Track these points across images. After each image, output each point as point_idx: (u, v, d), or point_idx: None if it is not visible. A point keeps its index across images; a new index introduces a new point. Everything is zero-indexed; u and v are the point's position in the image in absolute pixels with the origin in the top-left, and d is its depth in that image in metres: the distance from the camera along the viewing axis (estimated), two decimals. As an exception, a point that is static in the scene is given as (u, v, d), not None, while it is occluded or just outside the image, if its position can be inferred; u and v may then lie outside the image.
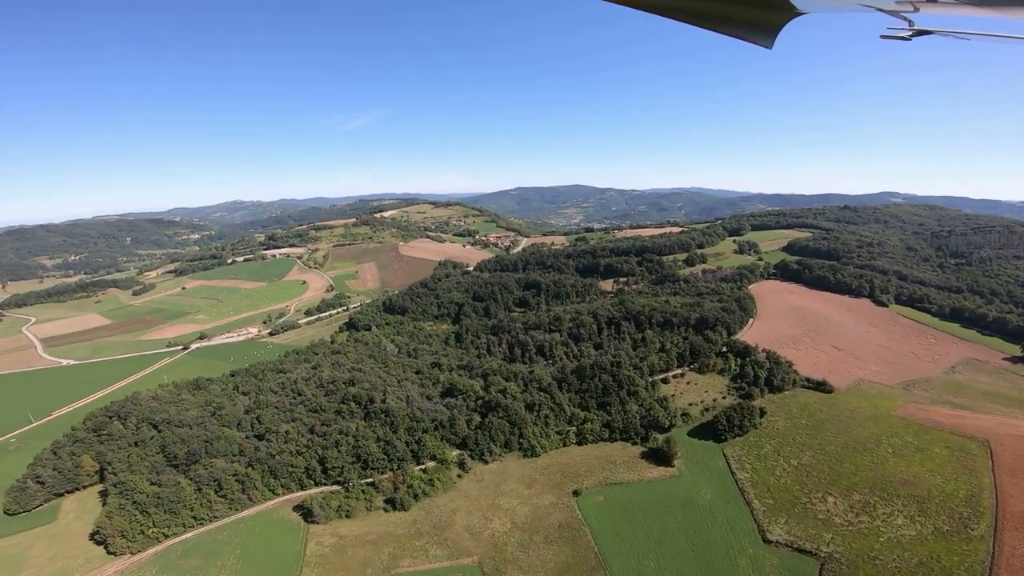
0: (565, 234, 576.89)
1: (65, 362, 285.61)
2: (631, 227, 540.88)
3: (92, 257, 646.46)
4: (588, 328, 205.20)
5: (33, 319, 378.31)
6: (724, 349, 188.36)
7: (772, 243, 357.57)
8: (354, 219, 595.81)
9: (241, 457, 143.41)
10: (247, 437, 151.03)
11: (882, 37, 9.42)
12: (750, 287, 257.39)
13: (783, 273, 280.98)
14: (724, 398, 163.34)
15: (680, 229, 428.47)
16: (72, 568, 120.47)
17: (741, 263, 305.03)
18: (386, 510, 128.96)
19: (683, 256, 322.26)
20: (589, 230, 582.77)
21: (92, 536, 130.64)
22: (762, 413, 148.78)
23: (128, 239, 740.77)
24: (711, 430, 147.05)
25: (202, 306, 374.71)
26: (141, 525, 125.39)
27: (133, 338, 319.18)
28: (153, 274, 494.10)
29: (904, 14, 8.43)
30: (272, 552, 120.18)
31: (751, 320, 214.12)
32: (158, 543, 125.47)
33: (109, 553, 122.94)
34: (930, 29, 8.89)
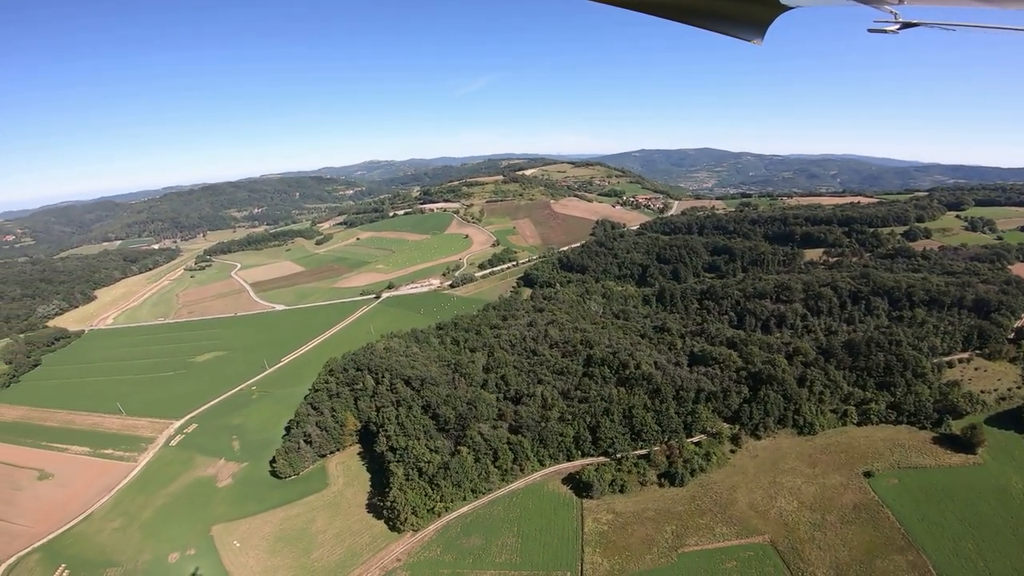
0: (719, 198, 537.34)
1: (278, 307, 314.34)
2: (802, 194, 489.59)
3: (271, 210, 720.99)
4: (828, 301, 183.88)
5: (238, 265, 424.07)
6: (1012, 335, 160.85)
7: (1007, 221, 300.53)
8: (501, 176, 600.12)
9: (501, 422, 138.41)
10: (500, 399, 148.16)
11: (869, 31, 9.09)
12: (1010, 268, 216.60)
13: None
14: (1020, 388, 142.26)
15: (875, 200, 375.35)
16: (359, 547, 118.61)
17: (979, 242, 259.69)
18: (660, 485, 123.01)
19: (901, 230, 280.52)
20: (746, 195, 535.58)
21: (369, 508, 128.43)
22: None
23: (297, 194, 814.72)
24: (1012, 420, 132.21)
25: (378, 256, 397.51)
26: (431, 499, 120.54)
27: (328, 285, 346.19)
28: (326, 225, 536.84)
29: (889, 7, 8.19)
30: (549, 529, 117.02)
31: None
32: (438, 518, 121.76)
33: (392, 530, 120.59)
34: (916, 21, 8.57)
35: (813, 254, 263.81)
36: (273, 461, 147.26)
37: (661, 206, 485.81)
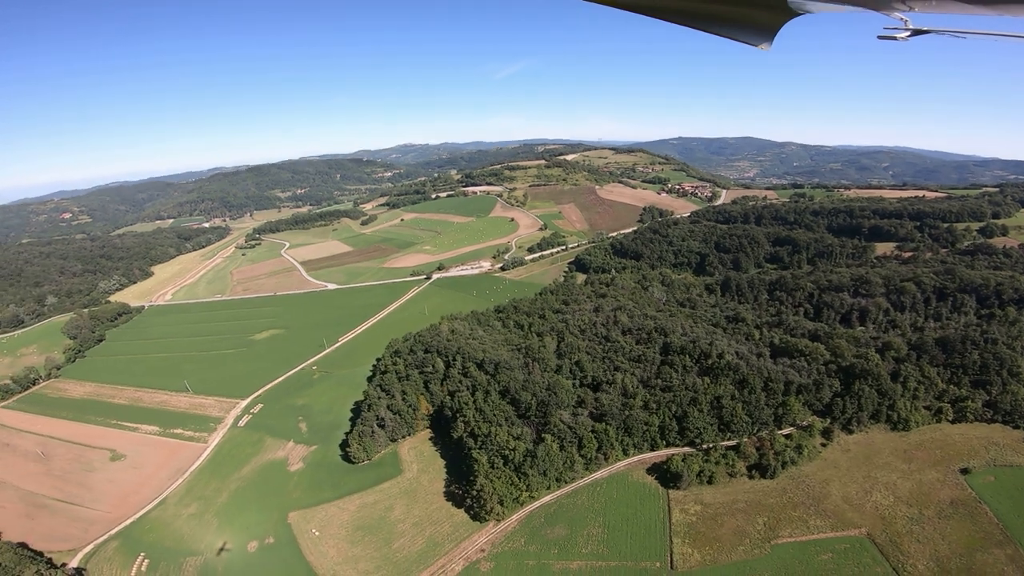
0: (770, 188, 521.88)
1: (329, 286, 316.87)
2: (860, 186, 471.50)
3: (313, 190, 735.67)
4: (911, 296, 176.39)
5: (287, 244, 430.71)
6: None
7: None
8: (543, 161, 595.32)
9: (581, 409, 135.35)
10: (576, 386, 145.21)
11: (879, 38, 8.98)
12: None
13: None
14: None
15: (943, 194, 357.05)
16: (440, 537, 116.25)
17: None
18: (750, 476, 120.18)
19: (977, 226, 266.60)
20: (798, 186, 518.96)
21: (447, 496, 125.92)
22: None
23: (338, 176, 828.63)
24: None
25: (424, 237, 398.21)
26: (517, 488, 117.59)
27: (377, 265, 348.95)
28: (369, 206, 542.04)
29: (899, 14, 8.09)
30: (636, 520, 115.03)
31: None
32: (522, 508, 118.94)
33: (473, 519, 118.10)
34: (926, 28, 8.47)
35: (883, 248, 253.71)
36: (345, 445, 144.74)
37: (709, 194, 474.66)
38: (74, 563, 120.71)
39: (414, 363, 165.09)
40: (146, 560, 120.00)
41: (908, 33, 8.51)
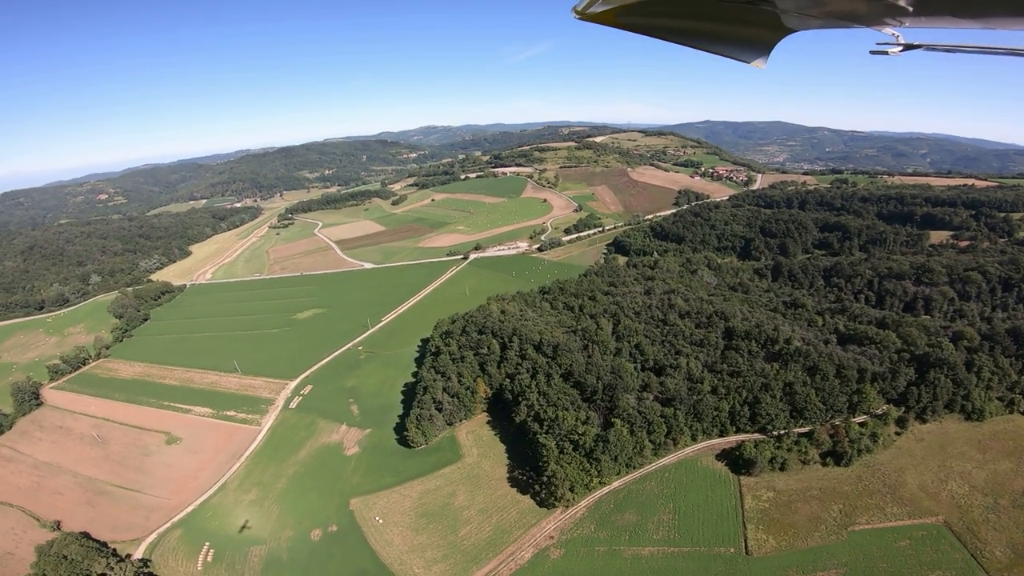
0: (807, 174, 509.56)
1: (366, 265, 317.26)
2: (906, 173, 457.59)
3: (340, 171, 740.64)
4: (976, 286, 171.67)
5: (320, 223, 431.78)
6: None
7: None
8: (573, 142, 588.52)
9: (646, 393, 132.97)
10: (638, 369, 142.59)
11: (871, 53, 9.08)
12: None
13: None
14: None
15: (993, 183, 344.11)
16: (507, 524, 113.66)
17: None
18: (823, 464, 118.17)
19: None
20: (836, 171, 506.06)
21: (511, 481, 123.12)
22: None
23: (364, 157, 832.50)
24: None
25: (457, 217, 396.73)
26: (588, 474, 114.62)
27: (412, 244, 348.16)
28: (398, 186, 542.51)
29: (891, 29, 8.18)
30: (707, 506, 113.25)
31: None
32: (590, 494, 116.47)
33: (540, 505, 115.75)
34: (918, 43, 8.59)
35: (937, 237, 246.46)
36: (401, 428, 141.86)
37: (744, 179, 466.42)
38: (138, 553, 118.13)
39: (468, 344, 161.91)
40: (211, 550, 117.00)
41: (900, 48, 8.56)
